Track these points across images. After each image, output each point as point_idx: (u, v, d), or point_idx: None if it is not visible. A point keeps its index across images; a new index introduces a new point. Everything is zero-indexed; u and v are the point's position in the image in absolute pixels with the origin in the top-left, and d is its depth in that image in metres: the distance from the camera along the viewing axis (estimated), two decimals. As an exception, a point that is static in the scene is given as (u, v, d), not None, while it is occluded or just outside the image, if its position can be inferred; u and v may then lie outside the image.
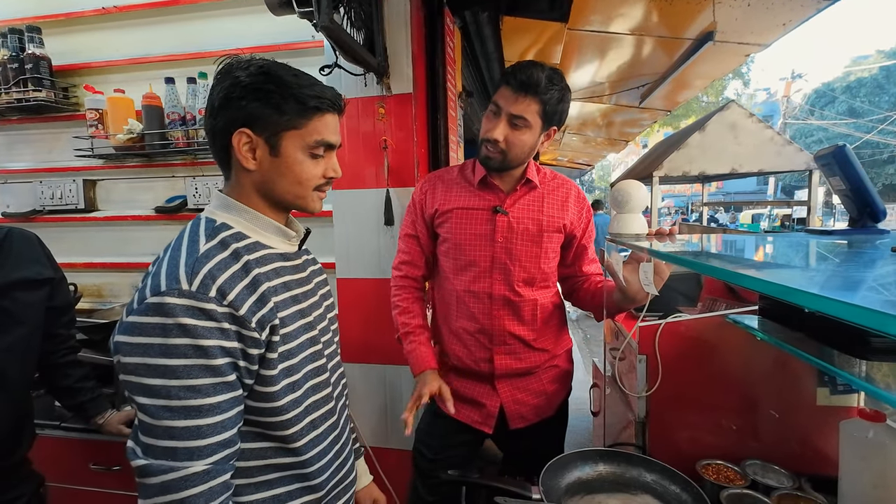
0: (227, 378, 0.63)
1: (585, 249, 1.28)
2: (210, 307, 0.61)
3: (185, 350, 0.60)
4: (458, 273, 1.23)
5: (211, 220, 0.72)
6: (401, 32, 1.51)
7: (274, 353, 0.68)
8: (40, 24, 1.85)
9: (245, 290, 0.66)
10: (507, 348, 1.22)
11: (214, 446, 0.62)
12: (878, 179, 18.46)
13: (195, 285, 0.62)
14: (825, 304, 0.43)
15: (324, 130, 0.73)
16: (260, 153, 0.71)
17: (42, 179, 1.98)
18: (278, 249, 0.77)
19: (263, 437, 0.72)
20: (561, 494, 0.95)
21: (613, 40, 2.67)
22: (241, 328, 0.64)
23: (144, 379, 0.60)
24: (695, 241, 1.21)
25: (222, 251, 0.67)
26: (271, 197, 0.75)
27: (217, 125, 0.70)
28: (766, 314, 0.98)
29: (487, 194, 1.22)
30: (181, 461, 0.60)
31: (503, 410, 1.25)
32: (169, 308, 0.60)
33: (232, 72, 0.70)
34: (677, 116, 11.71)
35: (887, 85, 19.51)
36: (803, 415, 1.10)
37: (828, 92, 21.11)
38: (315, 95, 0.71)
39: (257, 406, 0.69)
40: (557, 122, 1.15)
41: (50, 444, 1.42)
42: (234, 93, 0.68)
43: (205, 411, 0.61)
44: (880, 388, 0.63)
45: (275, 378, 0.69)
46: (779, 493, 0.96)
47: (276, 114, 0.69)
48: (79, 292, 1.88)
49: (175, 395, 0.59)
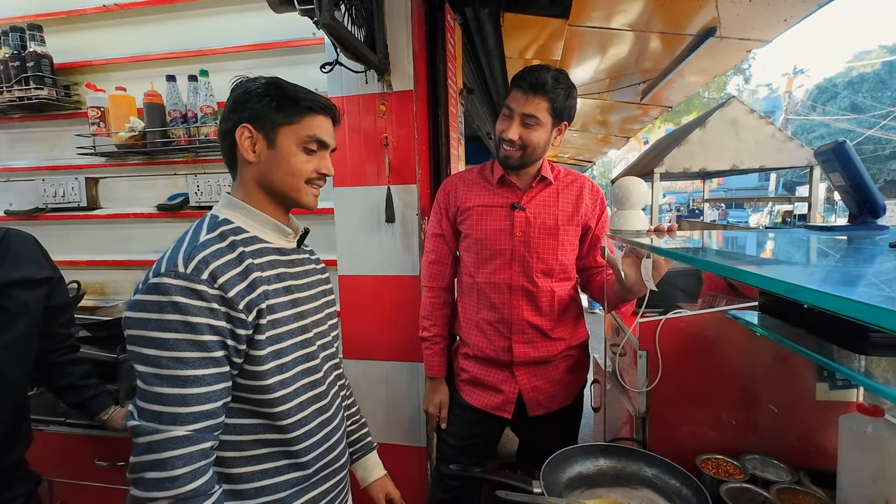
0: (213, 354, 0.70)
1: (599, 240, 1.34)
2: (201, 288, 0.69)
3: (175, 325, 0.67)
4: (480, 266, 1.31)
5: (215, 216, 0.82)
6: (402, 29, 1.51)
7: (262, 335, 0.75)
8: (41, 22, 1.85)
9: (237, 276, 0.73)
10: (525, 337, 1.29)
11: (197, 415, 0.68)
12: (879, 175, 18.38)
13: (189, 268, 0.69)
14: (826, 299, 0.44)
15: (316, 128, 0.82)
16: (259, 146, 0.80)
17: (44, 177, 1.98)
18: (275, 244, 0.85)
19: (254, 413, 0.78)
20: (562, 488, 0.96)
21: (614, 36, 2.66)
22: (230, 310, 0.71)
23: (141, 349, 0.68)
24: (695, 237, 1.22)
25: (220, 242, 0.76)
26: (269, 188, 0.83)
27: (226, 127, 0.81)
28: (765, 310, 0.98)
29: (506, 192, 1.30)
30: (165, 424, 0.67)
31: (521, 397, 1.32)
32: (165, 287, 0.68)
33: (242, 84, 0.82)
34: (678, 113, 11.68)
35: (889, 80, 19.40)
36: (803, 410, 1.11)
37: (830, 87, 21.02)
38: (309, 98, 0.81)
39: (247, 384, 0.76)
40: (567, 118, 1.24)
41: (55, 439, 1.44)
42: (241, 99, 0.80)
43: (190, 381, 0.68)
44: (879, 382, 0.63)
45: (263, 359, 0.76)
46: (778, 488, 0.96)
47: (274, 112, 0.79)
48: (82, 290, 1.89)
49: (164, 365, 0.67)
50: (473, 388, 1.37)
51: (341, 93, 1.57)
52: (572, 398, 1.39)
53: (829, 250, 0.84)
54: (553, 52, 2.72)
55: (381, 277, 1.62)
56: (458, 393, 1.41)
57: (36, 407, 1.49)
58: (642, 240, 1.00)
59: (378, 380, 1.67)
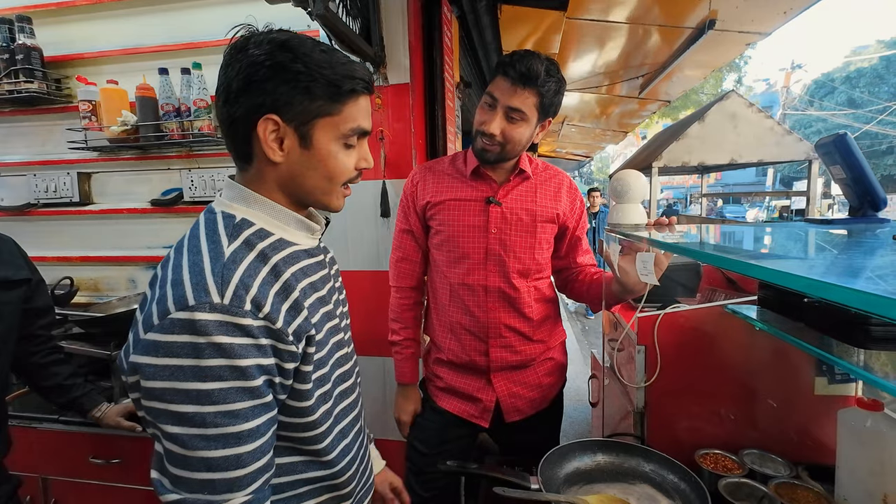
0: (265, 399, 0.57)
1: (579, 240, 1.29)
2: (246, 322, 0.54)
3: (220, 372, 0.53)
4: (452, 266, 1.21)
5: (229, 215, 0.63)
6: (398, 21, 1.49)
7: (309, 365, 0.63)
8: (31, 13, 1.82)
9: (278, 297, 0.59)
10: (503, 341, 1.21)
11: (254, 473, 0.57)
12: (876, 170, 18.42)
13: (227, 297, 0.54)
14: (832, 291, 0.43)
15: (359, 116, 0.65)
16: (288, 143, 0.62)
17: (36, 172, 1.95)
18: (303, 245, 0.70)
19: (294, 451, 0.67)
20: (560, 484, 0.96)
21: (613, 29, 2.64)
22: (278, 342, 0.58)
23: (175, 406, 0.53)
24: (694, 232, 1.21)
25: (248, 252, 0.60)
26: (295, 193, 0.67)
27: (236, 112, 0.60)
28: (765, 304, 0.97)
29: (480, 185, 1.20)
30: (220, 494, 0.54)
31: (499, 404, 1.25)
32: (201, 325, 0.52)
33: (248, 48, 0.59)
34: (676, 108, 11.66)
35: (887, 75, 19.42)
36: (801, 404, 1.10)
37: (827, 82, 21.03)
38: (349, 76, 0.62)
39: (290, 422, 0.64)
40: (553, 114, 1.15)
41: (49, 437, 1.43)
42: (256, 74, 0.58)
43: (244, 438, 0.55)
44: (879, 376, 0.63)
45: (309, 392, 0.64)
46: (776, 482, 0.96)
47: (307, 99, 0.60)
48: (75, 286, 1.87)
49: (211, 423, 0.53)
50: (448, 395, 1.29)
51: (336, 86, 1.54)
52: (550, 401, 1.32)
53: (831, 243, 0.83)
54: (551, 46, 2.70)
55: (377, 273, 1.60)
56: (431, 398, 1.31)
57: (29, 405, 1.48)
58: (641, 233, 0.99)
59: (374, 376, 1.66)
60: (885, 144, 18.35)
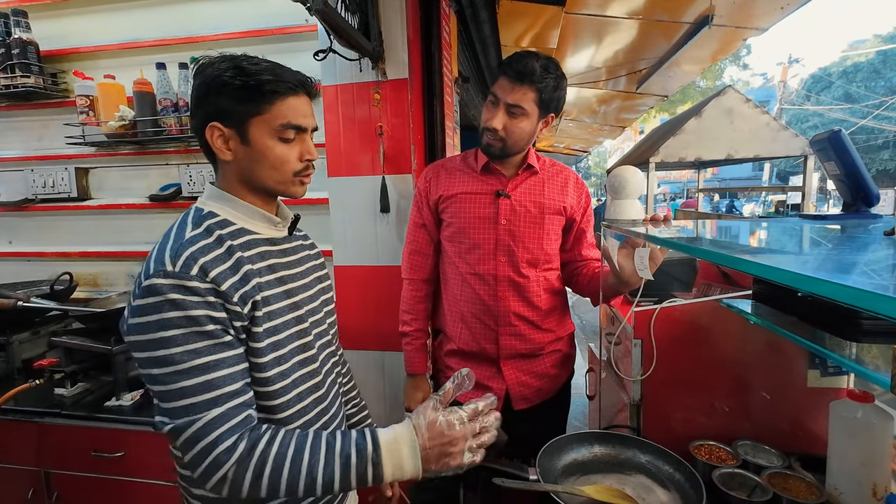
0: (222, 339, 0.69)
1: (584, 233, 1.33)
2: (193, 284, 0.67)
3: (178, 321, 0.65)
4: (463, 256, 1.27)
5: (199, 209, 0.77)
6: (396, 16, 1.49)
7: (258, 327, 0.73)
8: (26, 7, 1.81)
9: (227, 270, 0.71)
10: (513, 329, 1.26)
11: (228, 395, 0.67)
12: (872, 165, 18.46)
13: (178, 266, 0.67)
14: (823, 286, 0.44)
15: (289, 113, 0.75)
16: (233, 144, 0.75)
17: (33, 168, 1.95)
18: (264, 235, 0.82)
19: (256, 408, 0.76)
20: (557, 475, 0.97)
21: (611, 24, 2.64)
22: (226, 302, 0.69)
23: (151, 353, 0.66)
24: (690, 227, 1.22)
25: (207, 237, 0.72)
26: (253, 184, 0.79)
27: (195, 124, 0.76)
28: (759, 298, 0.99)
29: (490, 179, 1.26)
30: (200, 413, 0.65)
31: (507, 393, 1.29)
32: (158, 288, 0.66)
33: (203, 71, 0.74)
34: (674, 102, 11.66)
35: (884, 70, 19.43)
36: (794, 396, 1.12)
37: (824, 77, 21.02)
38: (271, 80, 0.73)
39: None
40: (555, 109, 1.19)
41: (51, 431, 1.43)
42: (201, 91, 0.74)
43: (211, 367, 0.67)
44: (870, 369, 0.64)
45: (261, 351, 0.74)
46: (769, 472, 0.98)
47: (238, 103, 0.73)
48: (74, 281, 1.87)
49: (179, 360, 0.65)
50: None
51: (335, 81, 1.54)
52: (557, 391, 1.37)
53: (824, 238, 0.85)
54: (549, 41, 2.70)
55: (377, 268, 1.61)
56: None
57: (31, 398, 1.49)
58: (638, 229, 1.00)
59: (374, 370, 1.68)
60: (880, 139, 18.38)
